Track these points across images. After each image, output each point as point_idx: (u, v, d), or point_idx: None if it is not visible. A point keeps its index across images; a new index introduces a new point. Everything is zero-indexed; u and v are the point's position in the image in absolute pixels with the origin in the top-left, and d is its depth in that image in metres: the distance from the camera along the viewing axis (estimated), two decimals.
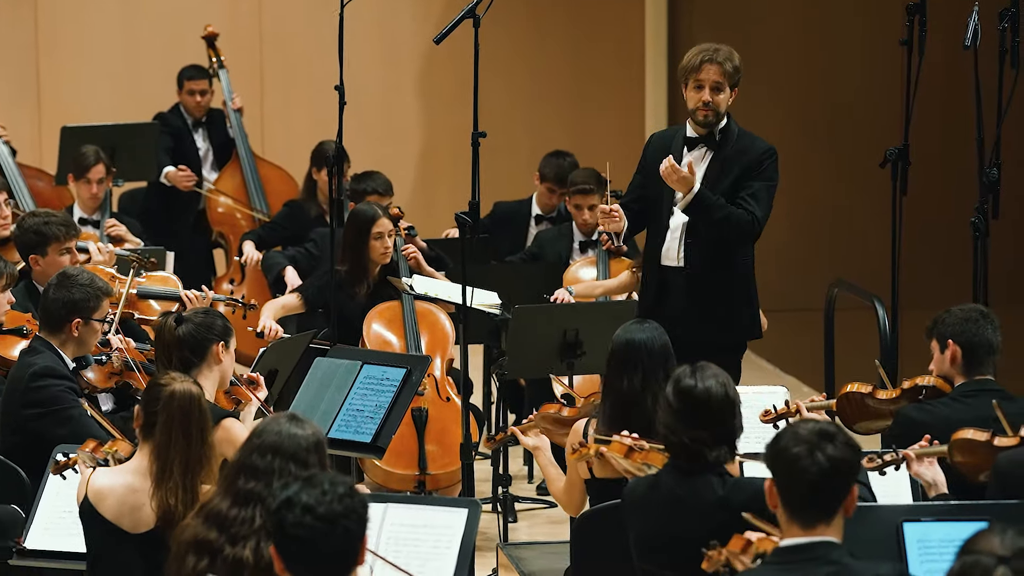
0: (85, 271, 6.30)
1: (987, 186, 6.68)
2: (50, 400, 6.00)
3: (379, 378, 6.29)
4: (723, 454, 4.72)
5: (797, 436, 4.07)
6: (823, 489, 4.05)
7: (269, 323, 7.60)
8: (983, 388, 5.57)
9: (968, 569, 3.56)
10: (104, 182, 8.81)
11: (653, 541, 4.78)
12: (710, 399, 4.70)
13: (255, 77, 11.47)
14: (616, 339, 5.54)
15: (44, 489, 5.50)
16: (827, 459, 4.04)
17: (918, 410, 5.58)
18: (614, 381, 5.51)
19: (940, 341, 5.63)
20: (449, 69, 11.24)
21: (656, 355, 5.47)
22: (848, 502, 4.09)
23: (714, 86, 6.64)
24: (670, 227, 6.71)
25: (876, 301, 7.71)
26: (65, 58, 11.39)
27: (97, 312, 6.18)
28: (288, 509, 3.76)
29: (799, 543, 4.07)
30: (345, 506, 3.75)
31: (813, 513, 4.06)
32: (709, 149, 6.72)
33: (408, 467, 7.35)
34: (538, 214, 9.00)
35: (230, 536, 4.27)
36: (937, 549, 4.67)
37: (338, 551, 3.76)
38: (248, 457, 4.32)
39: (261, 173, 9.99)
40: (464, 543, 4.75)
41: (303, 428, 4.35)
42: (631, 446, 5.14)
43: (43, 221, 6.99)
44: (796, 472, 4.05)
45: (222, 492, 4.34)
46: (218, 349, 5.56)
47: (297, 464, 4.29)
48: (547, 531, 7.63)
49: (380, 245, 7.79)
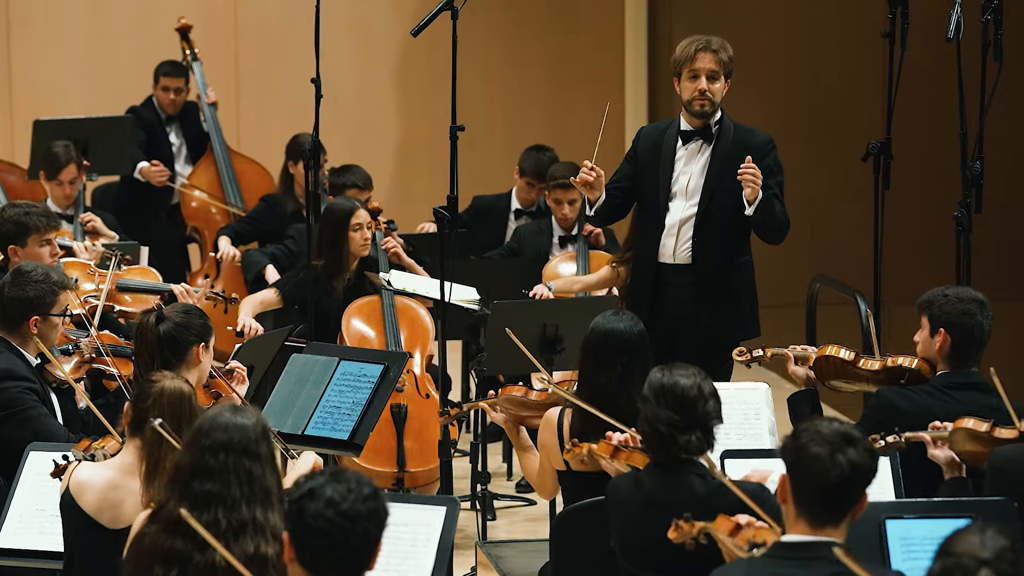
0: (40, 266, 6.23)
1: (970, 180, 6.68)
2: (8, 403, 5.92)
3: (356, 374, 6.27)
4: (696, 439, 4.74)
5: (820, 435, 4.05)
6: (839, 492, 4.03)
7: (249, 321, 7.57)
8: (968, 383, 5.56)
9: (949, 572, 3.52)
10: (76, 181, 8.73)
11: (632, 541, 4.79)
12: (678, 385, 4.76)
13: (230, 70, 11.41)
14: (592, 330, 5.53)
15: (16, 489, 5.46)
16: (848, 463, 4.02)
17: (900, 396, 5.57)
18: (591, 373, 5.51)
19: (932, 324, 5.61)
20: (427, 62, 11.21)
21: (634, 347, 5.46)
22: (858, 508, 4.08)
23: (710, 75, 6.62)
24: (667, 224, 6.66)
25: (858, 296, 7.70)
26: (37, 50, 11.33)
27: (55, 307, 6.10)
28: (311, 500, 3.73)
29: (804, 540, 4.05)
30: (368, 507, 3.75)
31: (824, 514, 4.05)
32: (705, 143, 6.68)
33: (387, 464, 7.32)
34: (517, 208, 8.96)
35: (197, 543, 4.21)
36: (920, 546, 4.68)
37: (352, 551, 3.76)
38: (200, 459, 4.26)
39: (236, 167, 9.95)
40: (442, 541, 4.74)
41: (247, 417, 4.31)
42: (617, 446, 5.15)
43: (23, 212, 6.94)
44: (815, 472, 4.03)
45: (177, 497, 4.27)
46: (198, 350, 5.55)
47: (249, 457, 4.25)
48: (526, 529, 7.62)
49: (359, 236, 7.75)
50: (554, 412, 5.63)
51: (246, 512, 4.21)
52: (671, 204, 6.68)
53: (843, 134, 11.32)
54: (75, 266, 7.33)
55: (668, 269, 6.70)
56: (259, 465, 4.25)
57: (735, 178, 6.55)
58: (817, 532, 4.04)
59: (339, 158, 9.42)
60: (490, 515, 7.56)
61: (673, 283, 6.67)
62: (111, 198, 9.82)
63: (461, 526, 7.24)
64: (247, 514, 4.21)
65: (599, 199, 6.65)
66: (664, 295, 6.67)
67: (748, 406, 5.98)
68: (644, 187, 6.72)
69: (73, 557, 4.93)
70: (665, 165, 6.70)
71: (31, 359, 6.08)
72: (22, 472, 5.43)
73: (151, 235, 9.20)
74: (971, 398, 5.50)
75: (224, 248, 8.95)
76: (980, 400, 5.50)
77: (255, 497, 4.23)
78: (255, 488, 4.23)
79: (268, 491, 4.25)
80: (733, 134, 6.68)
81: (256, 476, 4.24)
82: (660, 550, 4.65)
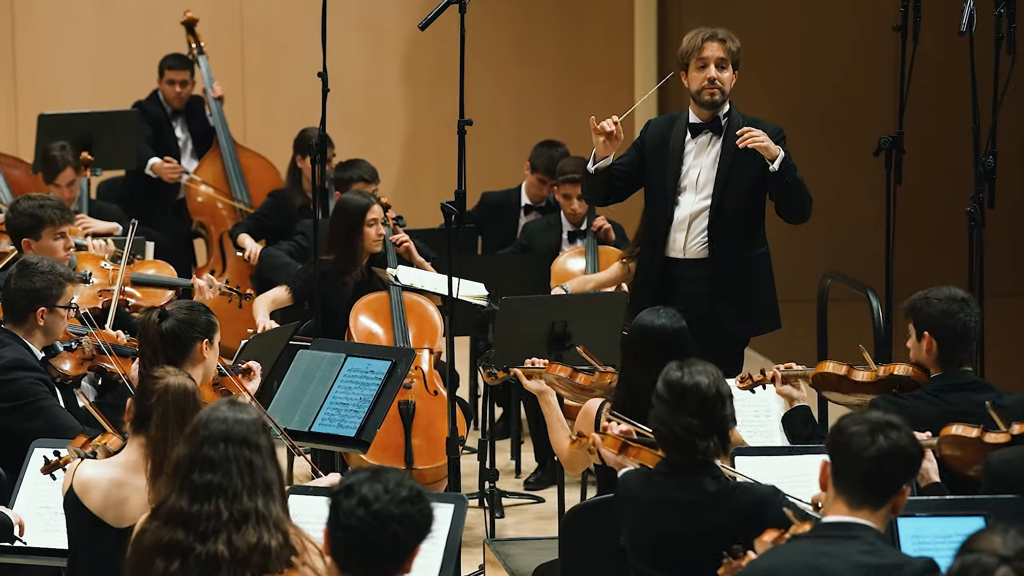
0: (45, 258, 6.21)
1: (983, 175, 6.66)
2: (20, 393, 5.90)
3: (363, 371, 6.25)
4: (715, 445, 4.72)
5: (862, 419, 4.12)
6: (877, 469, 4.06)
7: (267, 323, 7.57)
8: (961, 383, 5.52)
9: (969, 568, 3.55)
10: (75, 184, 8.71)
11: (642, 539, 4.77)
12: (699, 388, 4.71)
13: (236, 64, 11.41)
14: (632, 328, 5.55)
15: (21, 486, 5.44)
16: (887, 441, 4.07)
17: (889, 403, 5.52)
18: (628, 369, 5.52)
19: (917, 329, 5.59)
20: (434, 56, 11.21)
21: (672, 345, 5.44)
22: (898, 498, 4.11)
23: (718, 63, 6.59)
24: (677, 218, 6.62)
25: (869, 292, 7.67)
26: (41, 44, 11.33)
27: (61, 299, 6.07)
28: (347, 496, 3.75)
29: (840, 520, 4.08)
30: (402, 510, 3.74)
31: (862, 494, 4.07)
32: (715, 135, 6.63)
33: (394, 462, 7.30)
34: (527, 204, 8.96)
35: (199, 534, 4.22)
36: (932, 545, 4.67)
37: (382, 552, 3.75)
38: (199, 450, 4.26)
39: (242, 162, 9.92)
40: (450, 539, 4.73)
41: (246, 412, 4.31)
42: (624, 442, 5.12)
43: (38, 204, 6.91)
44: (853, 449, 4.08)
45: (177, 490, 4.27)
46: (202, 347, 5.51)
47: (250, 448, 4.26)
48: (535, 527, 7.61)
49: (374, 232, 7.76)
50: (594, 404, 5.62)
51: (248, 502, 4.21)
52: (680, 198, 6.64)
53: (854, 129, 11.31)
54: (88, 259, 7.29)
55: (678, 264, 6.64)
56: (260, 457, 4.25)
57: (747, 170, 6.51)
58: (855, 513, 4.08)
59: (346, 153, 9.41)
60: (498, 513, 7.55)
61: (685, 278, 6.63)
62: (117, 193, 9.81)
63: (469, 524, 7.20)
64: (249, 504, 4.21)
65: (605, 161, 6.58)
66: (673, 290, 6.62)
67: (759, 404, 6.00)
68: (652, 180, 6.68)
69: (77, 555, 4.92)
70: (673, 158, 6.66)
71: (37, 352, 6.06)
72: (27, 468, 5.43)
73: (157, 230, 9.18)
74: (964, 398, 5.47)
75: (251, 247, 8.91)
76: (973, 399, 5.46)
77: (257, 488, 4.23)
78: (256, 479, 4.24)
79: (270, 483, 4.25)
80: (743, 125, 6.63)
81: (257, 467, 4.24)
82: (670, 549, 4.66)
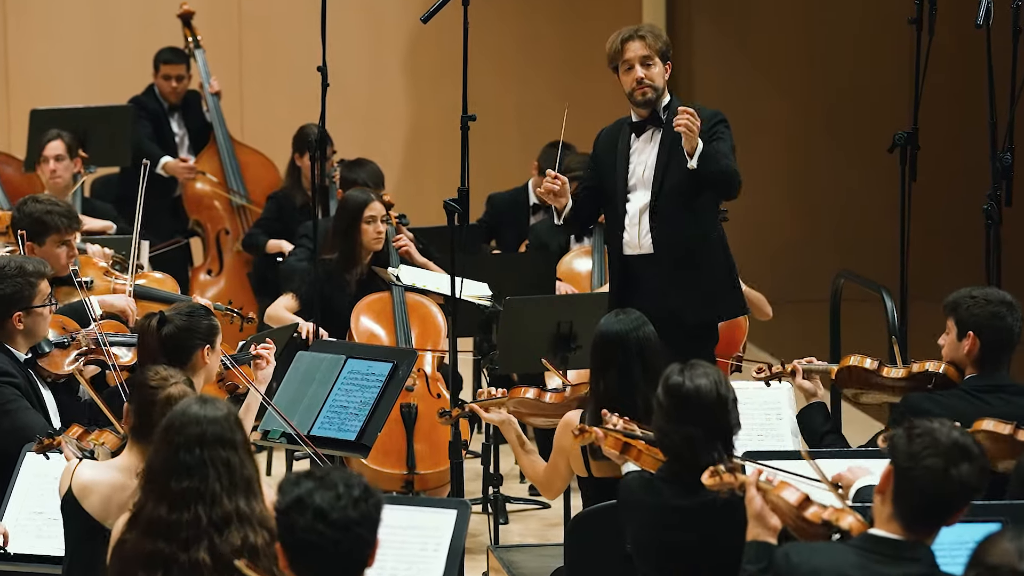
0: (12, 260, 6.11)
1: (1000, 172, 6.61)
2: None
3: (364, 373, 6.22)
4: (718, 453, 4.64)
5: (937, 444, 4.01)
6: (943, 506, 4.00)
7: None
8: (999, 386, 5.47)
9: None
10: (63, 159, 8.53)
11: (648, 544, 4.75)
12: (700, 395, 4.65)
13: (233, 58, 11.39)
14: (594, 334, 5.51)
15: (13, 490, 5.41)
16: (960, 480, 4.00)
17: (927, 399, 5.48)
18: (594, 377, 5.49)
19: (959, 328, 5.51)
20: (437, 49, 11.23)
21: (632, 347, 5.39)
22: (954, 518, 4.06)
23: (643, 61, 6.64)
24: (628, 213, 6.63)
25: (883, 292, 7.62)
26: (34, 38, 11.33)
27: (36, 298, 6.00)
28: (299, 512, 3.68)
29: (893, 538, 4.03)
30: (360, 512, 3.69)
31: (922, 522, 4.02)
32: (656, 129, 6.65)
33: (396, 466, 7.30)
34: (535, 203, 8.94)
35: (180, 542, 4.17)
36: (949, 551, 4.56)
37: (346, 557, 3.70)
38: (174, 456, 4.21)
39: (240, 159, 9.92)
40: (453, 545, 4.72)
41: (216, 407, 4.26)
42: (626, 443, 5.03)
43: (46, 210, 6.76)
44: (925, 483, 4.01)
45: (154, 498, 4.22)
46: (203, 353, 5.47)
47: (226, 447, 4.22)
48: (539, 533, 7.60)
49: (372, 229, 7.76)
50: (574, 415, 5.54)
51: (228, 504, 4.18)
52: (631, 196, 6.66)
53: (868, 125, 11.34)
54: (90, 266, 7.18)
55: (634, 261, 6.65)
56: (236, 454, 4.21)
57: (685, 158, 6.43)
58: (909, 534, 4.01)
59: (347, 149, 9.42)
60: (502, 518, 7.52)
61: (642, 274, 6.64)
62: (112, 191, 9.74)
63: (472, 530, 7.17)
64: (230, 506, 4.18)
65: (566, 207, 6.67)
66: (634, 287, 6.64)
67: (770, 406, 5.96)
68: (607, 184, 6.73)
69: (73, 561, 4.85)
70: (621, 159, 6.71)
71: (19, 355, 5.98)
72: (18, 474, 5.40)
73: (153, 228, 9.07)
74: (1003, 400, 5.42)
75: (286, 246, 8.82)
76: (1015, 401, 5.42)
77: (236, 488, 4.20)
78: (236, 479, 4.20)
79: (249, 480, 4.22)
80: None
81: (235, 465, 4.21)
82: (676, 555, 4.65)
